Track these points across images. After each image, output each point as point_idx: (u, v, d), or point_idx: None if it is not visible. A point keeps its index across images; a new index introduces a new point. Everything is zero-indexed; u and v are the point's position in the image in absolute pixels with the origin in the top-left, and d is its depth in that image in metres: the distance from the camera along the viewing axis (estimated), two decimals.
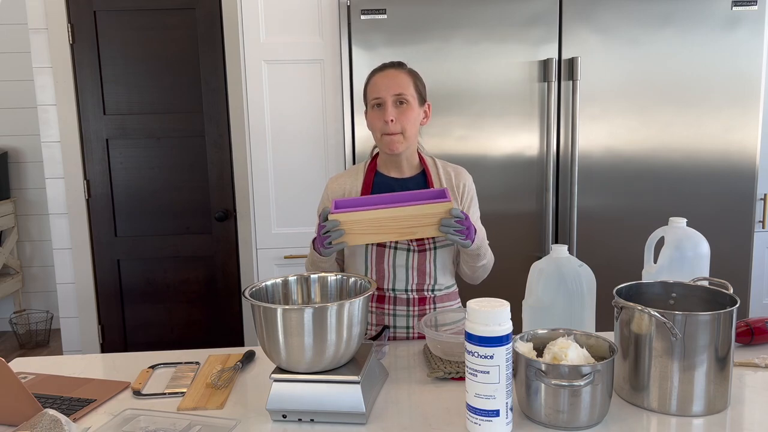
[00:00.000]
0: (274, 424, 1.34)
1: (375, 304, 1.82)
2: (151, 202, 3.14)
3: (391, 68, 1.77)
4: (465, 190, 1.83)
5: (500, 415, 1.23)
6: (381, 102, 1.74)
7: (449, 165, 1.88)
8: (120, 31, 3.01)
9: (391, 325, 1.82)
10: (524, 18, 2.57)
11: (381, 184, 1.82)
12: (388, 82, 1.74)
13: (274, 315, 1.31)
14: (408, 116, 1.73)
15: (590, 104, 2.62)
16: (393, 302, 1.81)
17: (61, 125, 3.02)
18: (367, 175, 1.84)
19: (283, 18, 2.79)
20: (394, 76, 1.75)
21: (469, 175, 1.87)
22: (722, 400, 1.33)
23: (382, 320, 1.83)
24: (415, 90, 1.76)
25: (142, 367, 1.66)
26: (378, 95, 1.74)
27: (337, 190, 1.84)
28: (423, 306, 1.81)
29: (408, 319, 1.81)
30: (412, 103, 1.75)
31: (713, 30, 2.59)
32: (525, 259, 2.60)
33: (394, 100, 1.73)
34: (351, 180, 1.85)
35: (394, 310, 1.81)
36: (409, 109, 1.74)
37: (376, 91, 1.75)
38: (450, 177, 1.84)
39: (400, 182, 1.82)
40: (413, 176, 1.83)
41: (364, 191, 1.81)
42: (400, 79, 1.74)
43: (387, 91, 1.73)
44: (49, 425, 1.22)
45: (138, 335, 3.22)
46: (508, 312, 1.23)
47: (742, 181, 2.67)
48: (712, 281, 1.51)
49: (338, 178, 1.87)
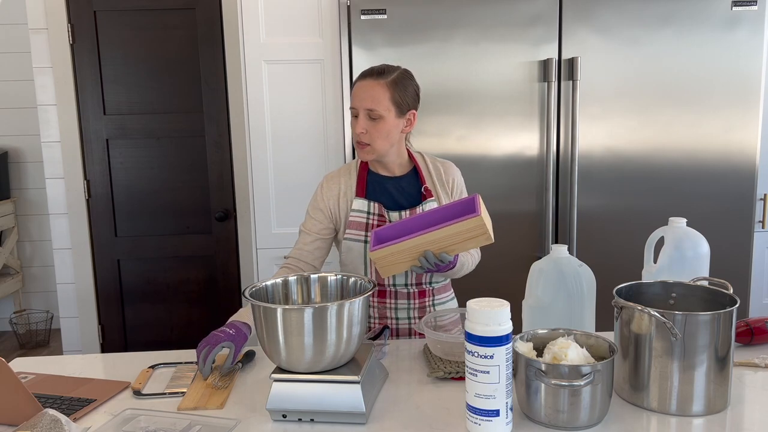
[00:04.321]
0: (274, 424, 1.34)
1: (377, 299, 1.86)
2: (151, 202, 3.14)
3: (370, 78, 1.76)
4: (454, 184, 1.89)
5: (500, 415, 1.23)
6: (355, 113, 1.77)
7: (438, 160, 1.92)
8: (120, 31, 3.01)
9: (393, 317, 1.86)
10: (524, 18, 2.57)
11: (375, 183, 1.85)
12: (362, 94, 1.75)
13: (274, 315, 1.31)
14: (379, 130, 1.74)
15: (590, 104, 2.62)
16: (394, 296, 1.85)
17: (61, 125, 3.02)
18: (360, 174, 1.86)
19: (283, 18, 2.79)
20: (369, 88, 1.74)
21: (457, 170, 1.92)
22: (722, 400, 1.33)
23: (384, 314, 1.86)
24: (391, 102, 1.74)
25: (142, 367, 1.66)
26: (353, 105, 1.77)
27: (332, 189, 1.86)
28: (423, 298, 1.86)
29: (409, 311, 1.86)
30: (386, 116, 1.74)
31: (713, 30, 2.59)
32: (525, 259, 2.60)
33: (366, 113, 1.74)
34: (345, 179, 1.87)
35: (395, 304, 1.85)
36: (381, 123, 1.74)
37: (352, 100, 1.78)
38: (440, 172, 1.88)
39: (393, 181, 1.85)
40: (405, 174, 1.86)
41: (359, 190, 1.83)
42: (375, 92, 1.73)
43: (360, 103, 1.74)
44: (49, 425, 1.22)
45: (138, 335, 3.22)
46: (508, 312, 1.23)
47: (742, 181, 2.67)
48: (712, 281, 1.50)
49: (332, 178, 1.89)
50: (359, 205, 1.82)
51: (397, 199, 1.83)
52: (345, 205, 1.84)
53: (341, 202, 1.84)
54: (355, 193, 1.83)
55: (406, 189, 1.85)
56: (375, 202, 1.81)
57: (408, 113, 1.79)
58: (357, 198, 1.82)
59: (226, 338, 1.56)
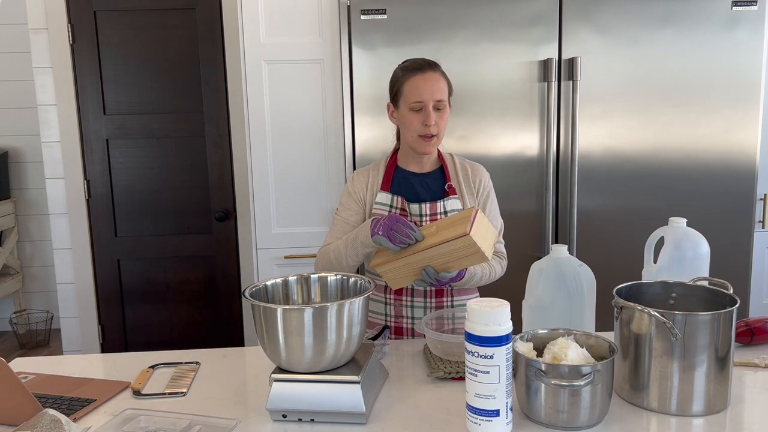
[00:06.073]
0: (274, 424, 1.34)
1: (393, 296, 1.87)
2: (151, 202, 3.14)
3: (430, 70, 1.80)
4: (481, 186, 1.88)
5: (500, 415, 1.23)
6: (422, 106, 1.77)
7: (466, 161, 1.92)
8: (120, 31, 3.01)
9: (409, 316, 1.86)
10: (524, 18, 2.57)
11: (401, 178, 1.88)
12: (431, 86, 1.77)
13: (274, 315, 1.31)
14: (444, 119, 1.80)
15: (590, 104, 2.62)
16: (411, 294, 1.85)
17: (61, 125, 3.02)
18: (388, 170, 1.89)
19: (283, 18, 2.79)
20: (435, 81, 1.78)
21: (485, 172, 1.92)
22: (722, 400, 1.33)
23: (400, 311, 1.86)
24: (449, 91, 1.82)
25: (142, 367, 1.66)
26: (420, 99, 1.77)
27: (362, 181, 1.90)
28: (440, 298, 1.85)
29: (425, 310, 1.86)
30: (447, 106, 1.81)
31: (713, 30, 2.59)
32: (525, 259, 2.60)
33: (435, 105, 1.77)
34: (373, 173, 1.91)
35: (411, 302, 1.86)
36: (445, 113, 1.81)
37: (419, 94, 1.77)
38: (467, 173, 1.89)
39: (419, 177, 1.88)
40: (432, 171, 1.89)
41: (384, 185, 1.86)
42: (441, 85, 1.79)
43: (430, 95, 1.76)
44: (49, 425, 1.22)
45: (138, 335, 3.22)
46: (508, 312, 1.23)
47: (742, 181, 2.67)
48: (712, 281, 1.51)
49: (361, 172, 1.93)
50: (383, 198, 1.85)
51: (420, 194, 1.85)
52: (371, 198, 1.88)
53: (368, 194, 1.88)
54: (380, 187, 1.87)
55: (431, 185, 1.86)
56: (398, 196, 1.84)
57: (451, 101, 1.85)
58: (381, 191, 1.86)
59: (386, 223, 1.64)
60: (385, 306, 1.88)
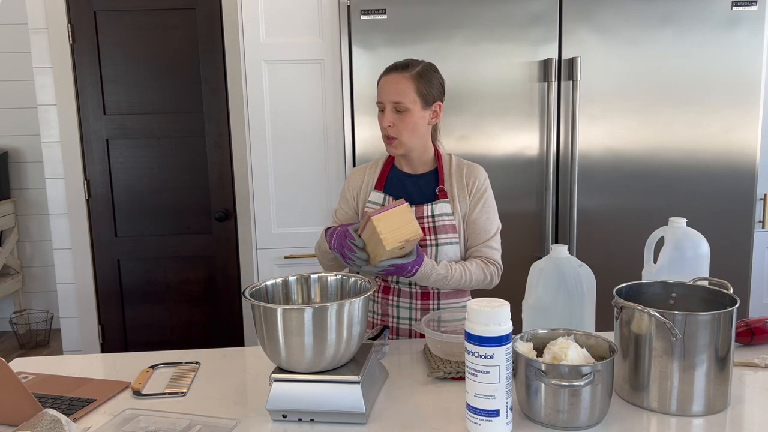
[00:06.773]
0: (274, 424, 1.34)
1: (380, 295, 1.88)
2: (151, 202, 3.14)
3: (395, 72, 1.78)
4: (474, 186, 1.84)
5: (500, 415, 1.23)
6: (382, 107, 1.79)
7: (465, 162, 1.90)
8: (120, 31, 3.01)
9: (395, 315, 1.86)
10: (524, 18, 2.57)
11: (395, 178, 1.89)
12: (388, 87, 1.77)
13: (274, 315, 1.31)
14: (406, 122, 1.76)
15: (590, 104, 2.62)
16: (397, 294, 1.86)
17: (61, 125, 3.02)
18: (384, 169, 1.91)
19: (283, 18, 2.79)
20: (395, 82, 1.77)
21: (482, 173, 1.88)
22: (722, 400, 1.33)
23: (386, 310, 1.87)
24: (417, 94, 1.75)
25: (142, 367, 1.66)
26: (379, 99, 1.80)
27: (357, 180, 1.93)
28: (426, 300, 1.85)
29: (411, 311, 1.85)
30: (412, 108, 1.76)
31: (713, 30, 2.59)
32: (525, 259, 2.60)
33: (392, 107, 1.76)
34: (370, 172, 1.93)
35: (397, 302, 1.86)
36: (408, 116, 1.76)
37: (379, 95, 1.81)
38: (461, 172, 1.86)
39: (412, 178, 1.88)
40: (426, 173, 1.88)
41: (378, 184, 1.88)
42: (401, 86, 1.75)
43: (387, 96, 1.77)
44: (49, 425, 1.22)
45: (138, 335, 3.22)
46: (508, 312, 1.23)
47: (742, 181, 2.67)
48: (712, 281, 1.50)
49: (358, 170, 1.96)
50: (375, 198, 1.87)
51: (411, 195, 1.85)
52: (364, 196, 1.89)
53: (362, 194, 1.90)
54: (374, 185, 1.88)
55: (423, 188, 1.86)
56: (390, 196, 1.85)
57: (434, 105, 1.80)
58: (374, 190, 1.87)
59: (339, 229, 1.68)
60: (373, 304, 1.90)
